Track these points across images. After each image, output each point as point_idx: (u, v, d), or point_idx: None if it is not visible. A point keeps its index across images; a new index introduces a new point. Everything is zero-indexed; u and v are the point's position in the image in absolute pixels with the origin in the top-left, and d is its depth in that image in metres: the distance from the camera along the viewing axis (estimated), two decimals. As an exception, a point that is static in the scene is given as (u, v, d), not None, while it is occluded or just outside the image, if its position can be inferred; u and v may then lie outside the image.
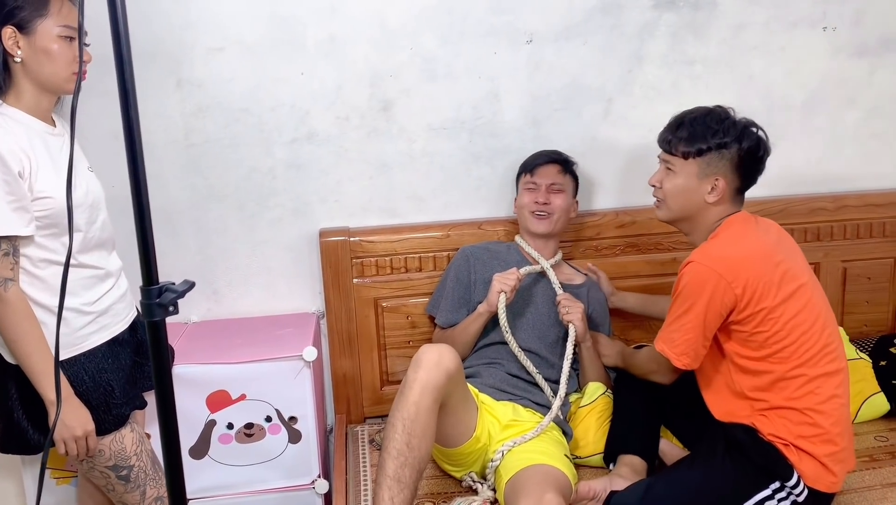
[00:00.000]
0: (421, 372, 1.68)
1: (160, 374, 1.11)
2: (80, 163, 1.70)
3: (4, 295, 1.51)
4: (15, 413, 1.61)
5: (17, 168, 1.51)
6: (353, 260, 2.28)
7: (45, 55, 1.58)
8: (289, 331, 2.18)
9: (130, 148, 1.07)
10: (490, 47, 2.27)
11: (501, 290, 2.02)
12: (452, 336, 2.15)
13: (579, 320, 2.05)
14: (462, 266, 2.21)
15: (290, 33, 2.19)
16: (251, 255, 2.33)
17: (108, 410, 1.64)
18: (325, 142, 2.27)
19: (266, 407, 2.02)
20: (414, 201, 2.34)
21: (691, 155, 1.79)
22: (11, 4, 1.55)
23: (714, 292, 1.68)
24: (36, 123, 1.61)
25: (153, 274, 1.09)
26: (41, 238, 1.57)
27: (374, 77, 2.25)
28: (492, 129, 2.32)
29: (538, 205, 2.15)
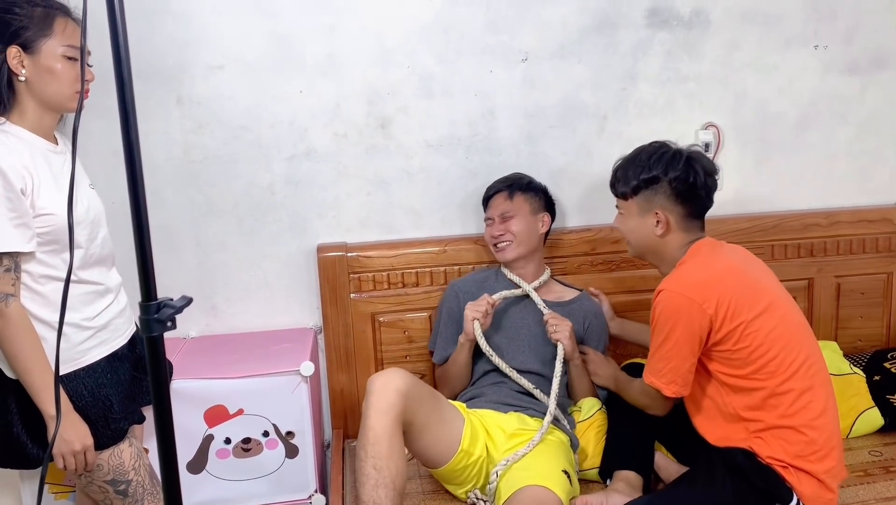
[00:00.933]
0: (372, 398, 1.76)
1: (158, 388, 1.13)
2: (81, 180, 1.72)
3: (5, 310, 1.53)
4: (14, 427, 1.62)
5: (20, 185, 1.53)
6: (351, 275, 2.30)
7: (48, 74, 1.60)
8: (286, 346, 2.19)
9: (130, 165, 1.09)
10: (486, 65, 2.30)
11: (474, 317, 2.08)
12: (447, 369, 2.19)
13: (566, 338, 2.08)
14: (452, 302, 2.23)
15: (290, 52, 2.22)
16: (250, 270, 2.35)
17: (107, 424, 1.65)
18: (324, 158, 2.30)
19: (263, 422, 2.03)
20: (411, 217, 2.36)
21: (628, 195, 1.88)
22: (17, 24, 1.58)
23: (688, 316, 1.71)
24: (38, 141, 1.63)
25: (152, 290, 1.10)
26: (42, 254, 1.59)
27: (371, 94, 2.28)
28: (488, 146, 2.35)
29: (494, 238, 2.21)
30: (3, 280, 1.52)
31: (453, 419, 1.91)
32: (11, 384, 1.60)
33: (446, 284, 2.33)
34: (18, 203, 1.53)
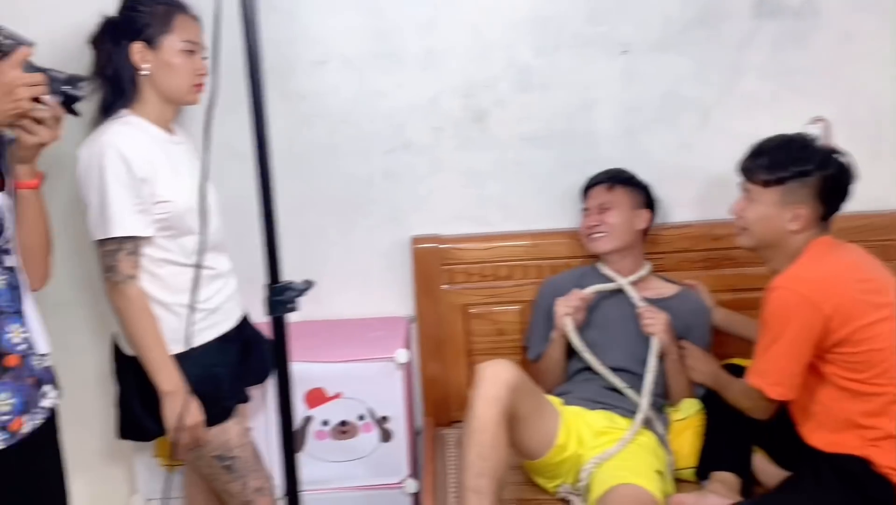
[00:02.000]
0: (480, 387, 1.78)
1: (281, 367, 1.18)
2: (196, 169, 1.81)
3: (127, 291, 1.63)
4: (132, 402, 1.74)
5: (141, 174, 1.63)
6: (444, 267, 2.33)
7: (168, 68, 1.70)
8: (381, 334, 2.25)
9: (260, 155, 1.15)
10: (585, 58, 2.29)
11: (565, 312, 2.07)
12: (541, 367, 2.19)
13: (662, 332, 2.04)
14: (547, 298, 2.22)
15: (390, 46, 2.26)
16: (348, 259, 2.42)
17: (216, 402, 1.75)
18: (420, 151, 2.34)
19: (360, 406, 2.09)
20: (504, 210, 2.37)
21: (772, 183, 1.78)
22: (141, 21, 1.69)
23: (803, 316, 1.64)
24: (158, 132, 1.73)
25: (277, 273, 1.16)
26: (160, 239, 1.69)
27: (468, 88, 2.30)
28: (585, 140, 2.33)
29: (589, 228, 2.19)
30: (125, 263, 1.63)
31: (551, 414, 1.92)
32: (131, 361, 1.71)
33: (538, 278, 2.33)
34: (140, 190, 1.63)
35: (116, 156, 1.61)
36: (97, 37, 1.73)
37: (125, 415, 1.77)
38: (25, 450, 1.45)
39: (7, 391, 1.40)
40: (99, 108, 1.73)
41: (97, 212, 1.62)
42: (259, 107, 1.13)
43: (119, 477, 2.43)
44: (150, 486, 2.20)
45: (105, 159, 1.60)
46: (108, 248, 1.63)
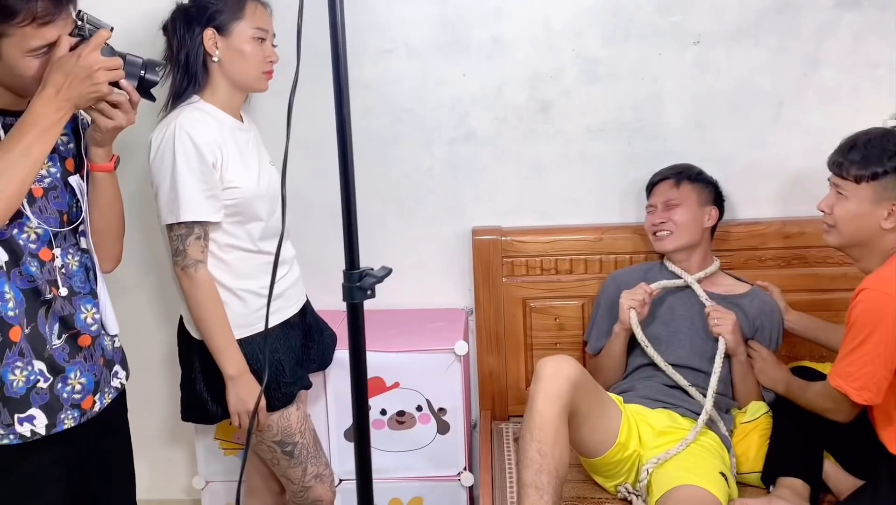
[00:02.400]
0: (542, 383, 1.75)
1: (356, 355, 1.17)
2: (263, 157, 1.83)
3: (195, 276, 1.65)
4: (197, 385, 1.76)
5: (211, 159, 1.65)
6: (504, 259, 2.31)
7: (239, 55, 1.71)
8: (440, 325, 2.24)
9: (341, 143, 1.15)
10: (655, 48, 2.23)
11: (630, 306, 2.02)
12: (601, 361, 2.15)
13: (729, 332, 1.98)
14: (611, 293, 2.18)
15: (455, 36, 2.24)
16: (407, 250, 2.41)
17: (278, 388, 1.76)
18: (483, 142, 2.31)
19: (417, 396, 2.09)
20: (568, 203, 2.33)
21: (865, 179, 1.71)
22: (213, 8, 1.70)
23: (893, 319, 1.57)
24: (227, 119, 1.75)
25: (355, 259, 1.16)
26: (228, 225, 1.70)
27: (533, 78, 2.26)
28: (653, 132, 2.28)
29: (654, 226, 2.14)
30: (193, 247, 1.65)
31: (612, 411, 1.89)
32: (197, 345, 1.74)
33: (601, 272, 2.29)
34: (209, 176, 1.65)
35: (188, 141, 1.62)
36: (170, 23, 1.75)
37: (189, 397, 1.80)
38: (95, 428, 1.49)
39: (79, 370, 1.44)
40: (170, 94, 1.75)
41: (167, 196, 1.64)
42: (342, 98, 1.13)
43: (180, 458, 2.47)
44: (211, 468, 2.24)
45: (176, 145, 1.62)
46: (177, 233, 1.65)
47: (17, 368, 1.37)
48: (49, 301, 1.40)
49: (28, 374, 1.38)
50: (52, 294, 1.40)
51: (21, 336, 1.37)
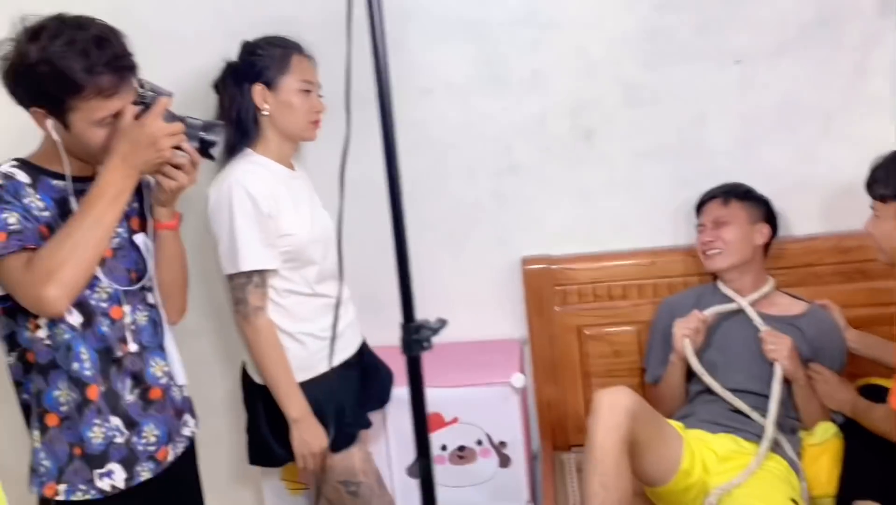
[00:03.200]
0: (600, 415, 1.75)
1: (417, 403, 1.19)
2: (315, 201, 1.88)
3: (256, 322, 1.70)
4: (262, 429, 1.80)
5: (266, 210, 1.70)
6: (556, 287, 2.31)
7: (287, 108, 1.77)
8: (495, 357, 2.24)
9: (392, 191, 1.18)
10: (696, 70, 2.22)
11: (683, 335, 2.00)
12: (661, 390, 2.13)
13: (785, 357, 1.94)
14: (665, 319, 2.16)
15: (495, 71, 2.27)
16: (457, 282, 2.42)
17: (340, 428, 1.79)
18: (528, 172, 2.33)
19: (477, 431, 2.09)
20: (617, 228, 2.33)
21: (889, 198, 1.71)
22: (260, 65, 1.77)
23: None
24: (280, 169, 1.80)
25: (411, 311, 1.18)
26: (284, 270, 1.75)
27: (575, 107, 2.27)
28: (699, 153, 2.26)
29: (704, 245, 2.12)
30: (254, 295, 1.70)
31: (673, 439, 1.86)
32: (260, 390, 1.78)
33: (655, 297, 2.27)
34: (265, 225, 1.70)
35: (244, 194, 1.68)
36: (220, 81, 1.82)
37: (255, 441, 1.84)
38: (169, 478, 1.53)
39: (153, 423, 1.48)
40: (224, 148, 1.81)
41: (227, 247, 1.70)
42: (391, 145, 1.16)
43: (248, 500, 2.51)
44: (277, 508, 2.27)
45: (233, 197, 1.68)
46: (237, 282, 1.70)
47: (96, 426, 1.43)
48: (120, 358, 1.45)
49: (106, 430, 1.44)
50: (122, 351, 1.45)
51: (98, 394, 1.43)
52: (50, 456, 1.43)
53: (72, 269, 1.31)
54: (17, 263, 1.31)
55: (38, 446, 1.44)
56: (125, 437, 1.46)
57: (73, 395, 1.41)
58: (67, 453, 1.43)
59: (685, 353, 2.01)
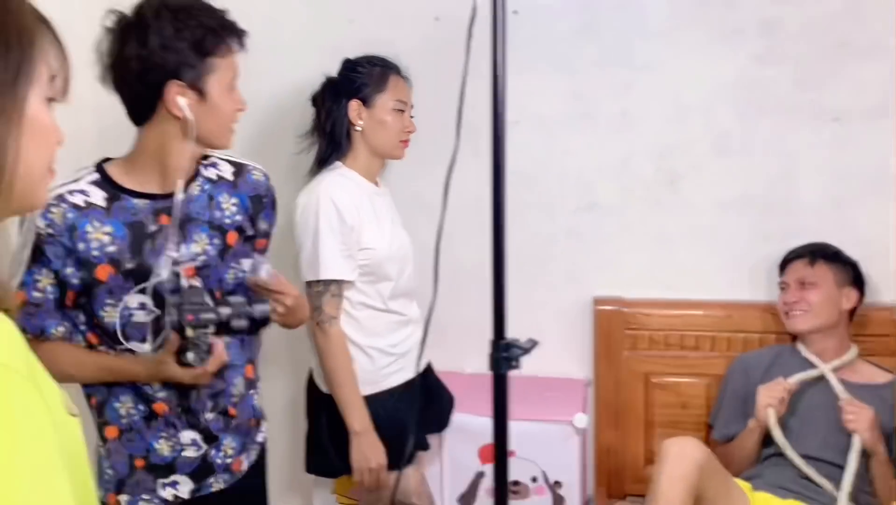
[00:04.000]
0: (667, 464, 1.70)
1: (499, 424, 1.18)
2: (394, 219, 1.91)
3: (329, 331, 1.72)
4: (322, 439, 1.81)
5: (351, 222, 1.73)
6: (626, 331, 2.27)
7: (380, 125, 1.81)
8: (558, 395, 2.21)
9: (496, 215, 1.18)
10: (790, 124, 2.18)
11: (768, 404, 1.93)
12: (731, 451, 2.05)
13: (865, 429, 1.85)
14: (739, 376, 2.10)
15: (584, 108, 2.28)
16: (525, 316, 2.37)
17: (399, 447, 1.78)
18: (607, 212, 2.31)
19: (533, 467, 2.06)
20: (695, 277, 2.28)
21: None
22: (359, 81, 1.81)
23: None
24: (366, 184, 1.84)
25: (503, 330, 1.18)
26: (361, 284, 1.78)
27: (662, 151, 2.26)
28: (787, 209, 2.21)
29: (787, 305, 2.05)
30: (330, 304, 1.73)
31: (738, 498, 1.80)
32: (325, 399, 1.80)
33: (728, 351, 2.21)
34: (348, 237, 1.73)
35: (330, 205, 1.72)
36: (319, 95, 1.88)
37: (314, 450, 1.85)
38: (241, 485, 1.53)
39: (231, 436, 1.48)
40: (316, 160, 1.87)
41: (309, 254, 1.73)
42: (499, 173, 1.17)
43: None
44: (326, 521, 2.27)
45: (320, 207, 1.72)
46: (315, 290, 1.73)
47: (163, 438, 1.42)
48: None
49: (174, 443, 1.42)
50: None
51: (168, 409, 1.41)
52: (112, 466, 1.43)
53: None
54: None
55: (103, 454, 1.44)
56: (202, 451, 1.45)
57: (139, 407, 1.40)
58: (128, 465, 1.42)
59: (768, 422, 1.93)
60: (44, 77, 0.75)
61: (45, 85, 0.75)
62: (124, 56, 1.30)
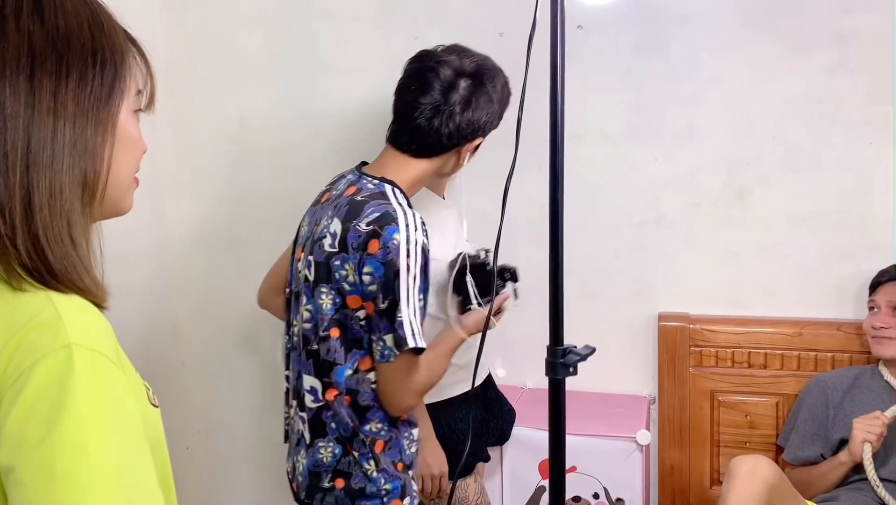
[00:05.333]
0: (735, 482, 1.66)
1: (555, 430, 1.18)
2: (460, 233, 1.92)
3: None
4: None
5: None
6: (692, 348, 2.23)
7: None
8: (621, 411, 2.19)
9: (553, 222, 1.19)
10: (864, 137, 2.12)
11: (865, 439, 1.85)
12: (807, 477, 1.98)
13: None
14: (817, 397, 2.03)
15: (649, 121, 2.26)
16: (587, 330, 2.36)
17: (459, 457, 1.79)
18: (673, 226, 2.29)
19: (594, 483, 2.04)
20: (764, 294, 2.23)
21: None
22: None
23: None
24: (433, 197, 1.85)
25: (560, 336, 1.19)
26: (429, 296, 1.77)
27: (730, 164, 2.22)
28: (860, 225, 2.14)
29: (875, 329, 1.97)
30: None
31: None
32: None
33: (799, 370, 2.14)
34: None
35: None
36: None
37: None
38: None
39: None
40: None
41: None
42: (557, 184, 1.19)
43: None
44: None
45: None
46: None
47: (406, 439, 1.59)
48: None
49: (412, 438, 1.61)
50: None
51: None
52: (389, 479, 1.54)
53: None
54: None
55: (375, 475, 1.52)
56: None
57: (386, 420, 1.54)
58: (395, 472, 1.56)
59: (863, 458, 1.86)
60: (132, 91, 0.81)
61: (132, 98, 0.82)
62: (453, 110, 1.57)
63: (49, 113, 0.74)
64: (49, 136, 0.73)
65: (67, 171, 0.74)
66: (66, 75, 0.75)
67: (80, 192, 0.75)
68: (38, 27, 0.74)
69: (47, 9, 0.75)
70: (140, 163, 0.85)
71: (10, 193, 0.72)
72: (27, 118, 0.73)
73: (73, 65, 0.76)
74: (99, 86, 0.77)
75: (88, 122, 0.76)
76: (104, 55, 0.78)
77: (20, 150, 0.72)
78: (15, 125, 0.72)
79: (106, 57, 0.78)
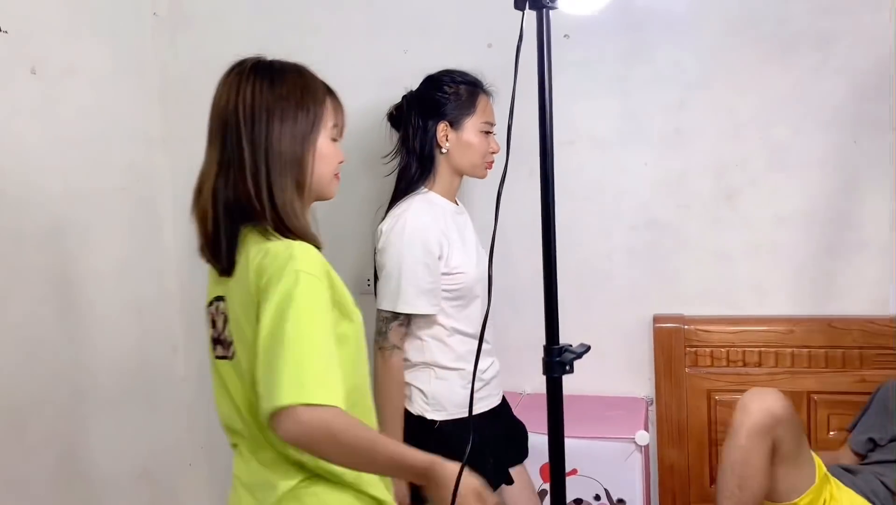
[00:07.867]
0: (746, 416, 1.72)
1: (554, 430, 1.20)
2: (478, 241, 1.88)
3: (389, 359, 1.71)
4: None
5: (437, 252, 1.72)
6: (688, 348, 2.26)
7: (467, 147, 1.78)
8: (619, 413, 2.21)
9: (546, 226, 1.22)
10: (848, 136, 2.16)
11: None
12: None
13: None
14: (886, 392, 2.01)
15: (637, 127, 2.30)
16: (583, 335, 2.38)
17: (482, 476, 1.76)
18: (665, 229, 2.32)
19: (595, 485, 2.06)
20: (756, 293, 2.26)
21: None
22: (449, 104, 1.78)
23: None
24: (448, 205, 1.82)
25: (556, 335, 1.21)
26: (451, 309, 1.76)
27: (718, 167, 2.26)
28: (847, 222, 2.18)
29: None
30: (394, 333, 1.72)
31: (807, 468, 1.78)
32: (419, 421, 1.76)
33: (793, 366, 2.18)
34: (435, 269, 1.72)
35: (417, 237, 1.70)
36: (404, 112, 1.83)
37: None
38: None
39: None
40: (400, 181, 1.83)
41: (391, 285, 1.71)
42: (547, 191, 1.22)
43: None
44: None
45: (405, 237, 1.70)
46: (384, 315, 1.73)
47: None
48: None
49: None
50: None
51: None
52: None
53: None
54: None
55: None
56: None
57: None
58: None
59: None
60: (329, 124, 1.29)
61: (329, 129, 1.30)
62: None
63: (278, 142, 1.23)
64: (277, 156, 1.23)
65: (288, 176, 1.24)
66: (284, 119, 1.24)
67: (296, 187, 1.24)
68: (268, 90, 1.25)
69: (276, 79, 1.26)
70: (338, 168, 1.32)
71: (260, 189, 1.22)
72: (266, 146, 1.23)
73: (289, 113, 1.24)
74: (304, 123, 1.25)
75: (298, 146, 1.25)
76: (308, 102, 1.26)
77: (264, 165, 1.23)
78: (261, 151, 1.23)
79: (309, 105, 1.26)
